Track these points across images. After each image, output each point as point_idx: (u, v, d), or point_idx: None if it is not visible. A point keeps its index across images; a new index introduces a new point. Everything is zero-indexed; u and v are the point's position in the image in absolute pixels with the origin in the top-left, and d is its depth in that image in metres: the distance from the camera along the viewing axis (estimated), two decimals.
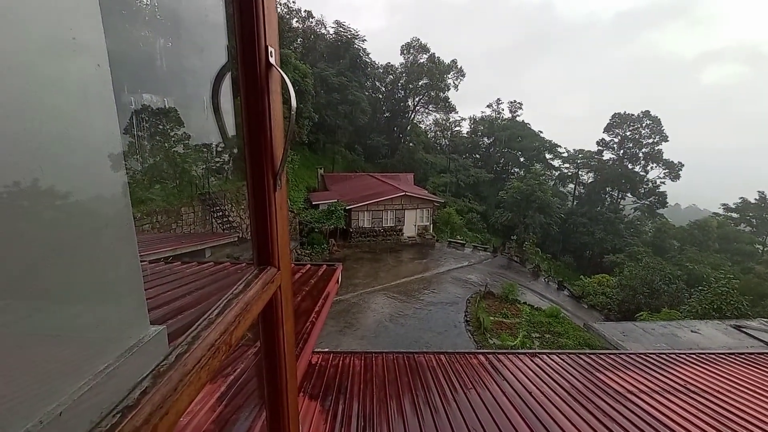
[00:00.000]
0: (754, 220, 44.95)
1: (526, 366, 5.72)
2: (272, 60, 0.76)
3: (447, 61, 49.79)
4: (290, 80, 0.80)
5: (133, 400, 0.45)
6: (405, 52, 51.04)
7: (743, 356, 6.80)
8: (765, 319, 10.59)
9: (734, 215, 46.47)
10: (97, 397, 0.44)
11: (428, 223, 29.56)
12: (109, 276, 0.56)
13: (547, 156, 53.14)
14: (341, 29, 44.09)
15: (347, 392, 4.54)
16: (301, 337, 2.99)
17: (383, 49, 66.75)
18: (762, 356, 6.92)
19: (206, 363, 0.57)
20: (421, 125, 56.37)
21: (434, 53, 49.36)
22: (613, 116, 47.37)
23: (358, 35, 43.76)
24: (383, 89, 54.25)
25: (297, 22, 44.17)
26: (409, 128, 54.25)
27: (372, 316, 15.13)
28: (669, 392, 5.06)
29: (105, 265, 0.54)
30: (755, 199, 45.75)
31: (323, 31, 46.47)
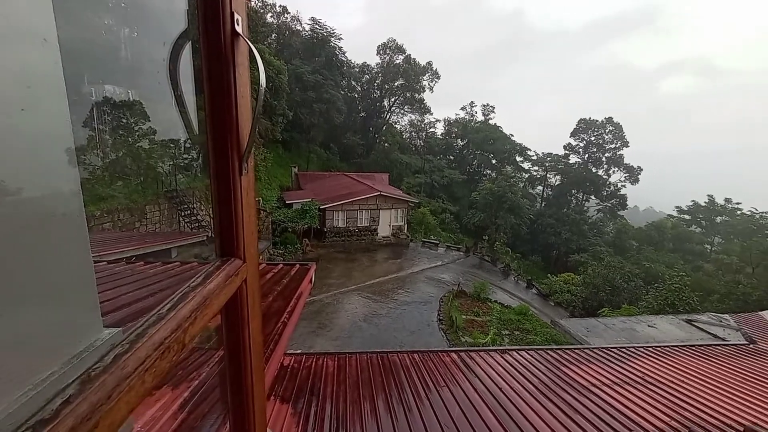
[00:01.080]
0: (703, 222, 48.31)
1: (497, 362, 5.83)
2: (239, 29, 0.69)
3: (422, 62, 50.32)
4: (258, 51, 0.73)
5: (50, 412, 0.36)
6: (381, 52, 51.10)
7: (694, 348, 7.26)
8: (713, 314, 11.35)
9: (686, 217, 49.74)
10: (31, 410, 0.37)
11: (403, 223, 29.71)
12: (56, 277, 0.50)
13: (518, 158, 54.78)
14: (317, 26, 43.50)
15: (320, 394, 4.45)
16: (271, 339, 2.88)
17: (359, 49, 66.55)
18: (710, 348, 7.41)
19: (152, 364, 0.49)
20: (396, 126, 56.64)
21: (410, 54, 49.73)
22: (579, 122, 49.49)
23: (334, 33, 43.34)
24: (359, 89, 54.03)
25: (271, 17, 43.13)
26: (384, 128, 54.34)
27: (346, 316, 15.00)
28: (628, 383, 5.31)
29: (51, 265, 0.49)
30: (705, 202, 49.19)
31: (299, 27, 45.67)
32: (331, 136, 47.44)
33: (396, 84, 50.68)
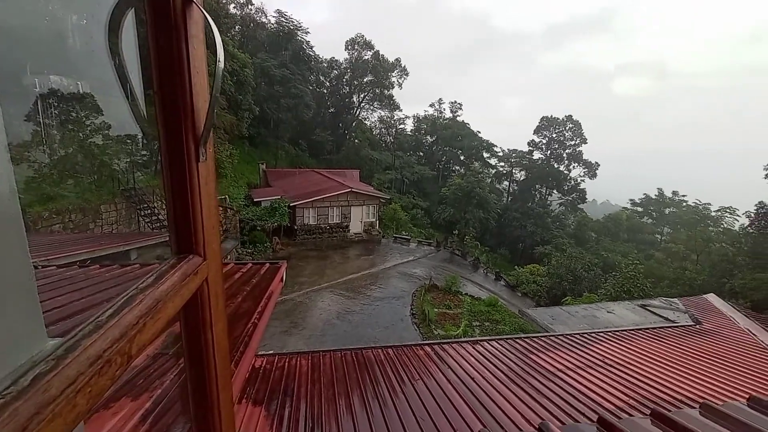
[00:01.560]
0: (654, 213, 51.95)
1: (468, 353, 5.96)
2: None
3: (391, 59, 50.33)
4: (215, 24, 0.65)
5: None
6: (350, 47, 50.60)
7: (648, 331, 7.77)
8: (664, 298, 12.20)
9: (639, 209, 53.30)
10: None
11: (374, 220, 29.71)
12: None
13: (485, 155, 56.24)
14: (283, 19, 42.32)
15: (294, 394, 4.36)
16: (241, 341, 2.77)
17: (327, 44, 65.71)
18: (662, 330, 7.96)
19: (86, 383, 0.41)
20: (366, 122, 56.41)
21: (379, 51, 49.60)
22: (542, 119, 51.46)
23: (301, 27, 42.36)
24: (328, 84, 53.27)
25: (235, 8, 41.46)
26: (354, 125, 53.97)
27: (319, 314, 14.83)
28: (590, 367, 5.59)
29: None
30: (655, 195, 52.92)
31: (264, 20, 44.25)
32: (300, 132, 46.53)
33: (365, 80, 50.41)
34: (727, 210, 42.28)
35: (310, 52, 44.12)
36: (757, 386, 5.05)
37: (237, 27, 41.97)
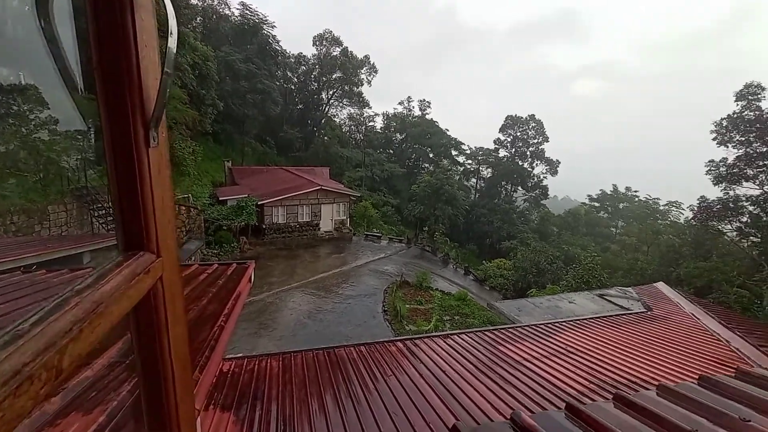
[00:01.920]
0: (609, 208, 55.31)
1: (440, 347, 6.05)
2: None
3: (360, 56, 50.04)
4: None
5: None
6: (318, 43, 49.78)
7: (605, 319, 8.23)
8: (619, 287, 12.98)
9: (596, 204, 56.58)
10: None
11: (345, 217, 29.50)
12: None
13: (453, 152, 57.34)
14: (248, 12, 40.87)
15: (264, 397, 4.25)
16: (207, 345, 2.64)
17: (294, 39, 64.33)
18: (618, 317, 8.45)
19: None
20: (335, 119, 55.85)
21: (347, 47, 49.12)
22: (507, 118, 53.14)
23: (266, 20, 41.07)
24: (295, 80, 52.16)
25: None
26: (323, 121, 53.23)
27: (289, 314, 14.53)
28: (554, 355, 5.84)
29: None
30: (610, 191, 56.35)
31: (227, 12, 42.55)
32: (267, 128, 45.29)
33: (334, 76, 49.81)
34: (674, 204, 45.67)
35: (277, 47, 42.92)
36: (705, 366, 5.48)
37: (198, 18, 40.12)
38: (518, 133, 52.61)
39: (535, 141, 52.22)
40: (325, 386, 4.53)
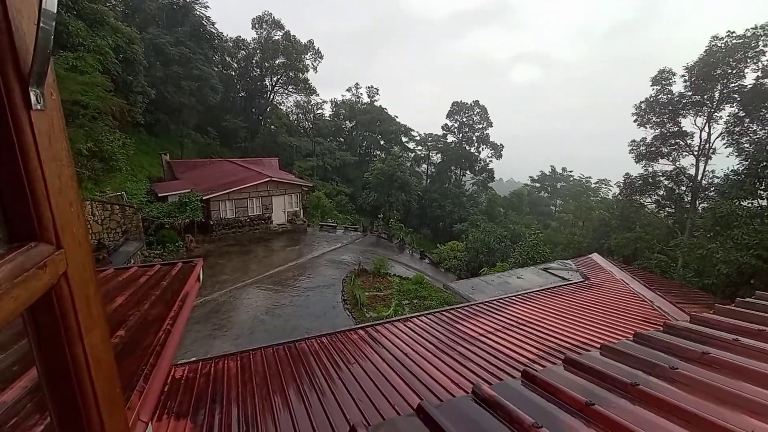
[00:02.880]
0: (549, 188, 59.55)
1: (401, 331, 6.16)
2: None
3: (304, 40, 48.18)
4: None
5: None
6: (257, 26, 47.05)
7: (549, 290, 8.87)
8: (560, 261, 14.04)
9: (537, 185, 60.61)
10: None
11: (298, 209, 28.76)
12: None
13: (403, 139, 57.88)
14: None
15: (223, 400, 4.06)
16: (152, 351, 2.43)
17: (231, 21, 59.96)
18: (561, 288, 9.15)
19: None
20: (282, 107, 53.56)
21: (289, 31, 47.03)
22: (453, 104, 54.51)
23: (198, 0, 37.91)
24: (236, 66, 49.09)
25: None
26: (269, 110, 50.88)
27: (245, 312, 13.97)
28: (507, 328, 6.19)
29: None
30: (549, 172, 60.56)
31: None
32: (208, 118, 42.40)
33: (277, 62, 47.55)
34: (603, 182, 50.12)
35: (212, 29, 39.89)
36: (637, 325, 6.12)
37: None
38: (464, 119, 54.22)
39: (480, 126, 54.21)
40: (288, 381, 4.42)
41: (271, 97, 51.34)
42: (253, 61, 48.44)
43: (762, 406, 1.34)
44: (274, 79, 49.69)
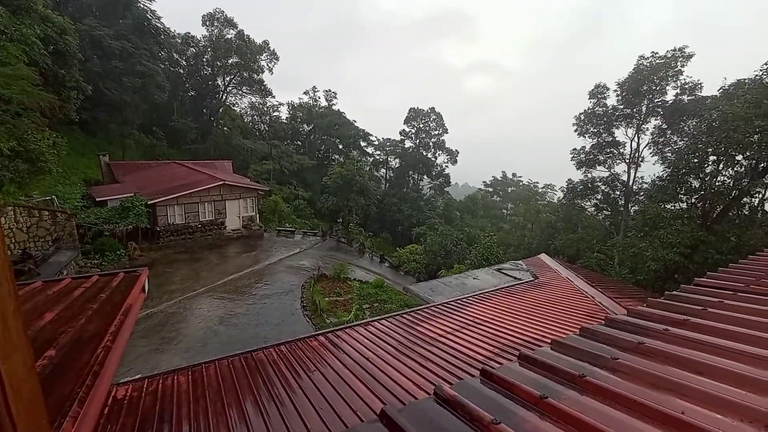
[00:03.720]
0: (500, 192, 62.54)
1: (361, 335, 6.13)
2: None
3: (258, 41, 46.77)
4: None
5: None
6: (208, 23, 44.95)
7: (503, 290, 9.29)
8: (512, 261, 14.77)
9: (490, 189, 63.44)
10: None
11: (254, 213, 27.71)
12: None
13: (362, 143, 57.95)
14: None
15: (172, 418, 3.78)
16: (88, 371, 2.22)
17: (179, 16, 56.77)
18: (513, 287, 9.62)
19: None
20: (236, 108, 51.45)
21: (243, 30, 45.42)
22: (410, 110, 55.59)
23: None
24: (185, 63, 46.47)
25: None
26: (221, 110, 48.67)
27: (197, 323, 13.17)
28: (465, 328, 6.39)
29: None
30: (500, 177, 63.71)
31: None
32: (154, 117, 39.71)
33: (230, 61, 45.71)
34: (549, 187, 53.55)
35: (158, 24, 37.46)
36: (583, 319, 6.58)
37: None
38: (421, 125, 55.47)
39: (437, 132, 55.75)
40: (245, 393, 4.22)
41: (224, 97, 49.19)
42: (204, 60, 46.18)
43: (689, 388, 1.50)
44: (227, 78, 47.69)
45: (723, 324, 2.13)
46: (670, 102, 22.78)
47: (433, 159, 55.92)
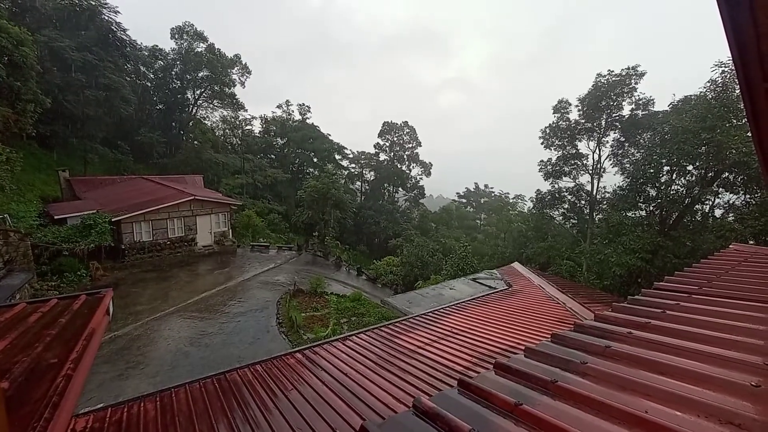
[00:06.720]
0: (474, 203, 64.07)
1: (340, 351, 6.05)
2: None
3: (230, 54, 46.30)
4: None
5: None
6: (177, 36, 44.17)
7: (478, 299, 9.45)
8: (487, 270, 15.08)
9: (464, 200, 64.89)
10: None
11: (227, 229, 26.94)
12: None
13: (337, 157, 57.98)
14: None
15: None
16: (46, 403, 2.10)
17: (148, 29, 55.28)
18: (488, 296, 9.80)
19: None
20: (206, 122, 50.32)
21: (213, 44, 44.90)
22: (384, 124, 56.44)
23: (106, 4, 34.37)
24: (152, 76, 45.19)
25: None
26: (192, 124, 47.47)
27: (165, 345, 12.51)
28: (443, 338, 6.44)
29: None
30: (473, 188, 65.38)
31: None
32: (119, 131, 38.15)
33: (200, 75, 44.91)
34: (519, 197, 55.34)
35: (123, 36, 36.35)
36: (554, 325, 6.79)
37: None
38: (395, 138, 56.33)
39: (410, 146, 56.75)
40: (218, 417, 4.06)
41: (194, 111, 48.08)
42: (173, 73, 45.12)
43: (652, 388, 1.60)
44: (197, 92, 46.73)
45: (680, 325, 2.29)
46: (627, 116, 24.36)
47: (407, 171, 56.70)
